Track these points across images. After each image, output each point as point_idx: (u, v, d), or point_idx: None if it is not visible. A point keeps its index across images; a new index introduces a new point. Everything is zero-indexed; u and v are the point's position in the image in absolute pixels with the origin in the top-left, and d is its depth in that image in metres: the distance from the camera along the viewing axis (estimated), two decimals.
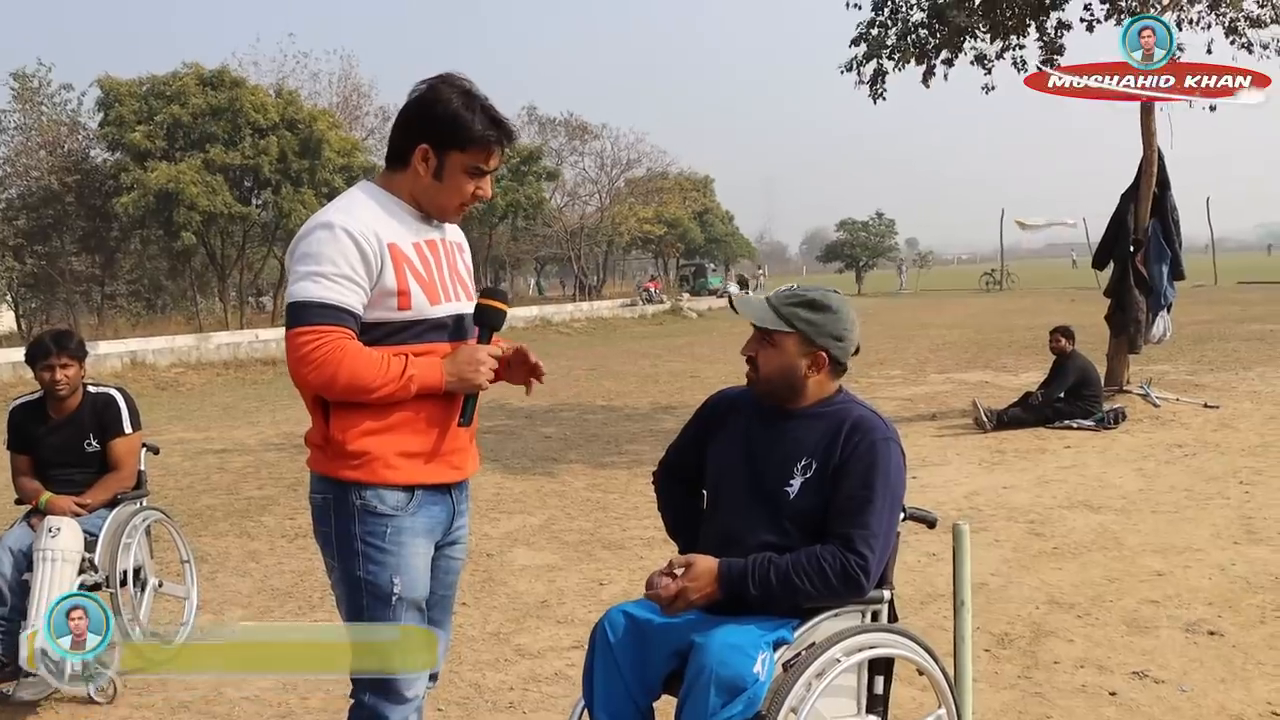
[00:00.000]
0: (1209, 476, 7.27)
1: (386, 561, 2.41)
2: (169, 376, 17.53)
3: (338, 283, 2.32)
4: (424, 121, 2.42)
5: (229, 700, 3.96)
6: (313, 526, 2.51)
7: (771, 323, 2.60)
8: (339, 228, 2.34)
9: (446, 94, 2.41)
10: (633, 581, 5.18)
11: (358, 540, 2.40)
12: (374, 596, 2.41)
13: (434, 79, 2.46)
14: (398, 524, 2.42)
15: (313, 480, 2.48)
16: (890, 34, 11.86)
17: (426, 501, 2.46)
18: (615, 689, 2.49)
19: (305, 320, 2.31)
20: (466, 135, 2.40)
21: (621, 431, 10.30)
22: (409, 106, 2.45)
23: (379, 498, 2.40)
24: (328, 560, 2.48)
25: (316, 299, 2.31)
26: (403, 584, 2.43)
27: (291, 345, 2.33)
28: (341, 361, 2.31)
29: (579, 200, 44.28)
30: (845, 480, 2.51)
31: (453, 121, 2.39)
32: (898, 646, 2.54)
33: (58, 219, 25.12)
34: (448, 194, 2.47)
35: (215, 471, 8.92)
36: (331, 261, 2.32)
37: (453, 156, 2.42)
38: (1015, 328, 22.02)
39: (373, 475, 2.39)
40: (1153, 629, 4.41)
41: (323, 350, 2.30)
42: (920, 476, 7.60)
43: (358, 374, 2.32)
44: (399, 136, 2.46)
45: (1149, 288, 10.69)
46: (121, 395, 4.54)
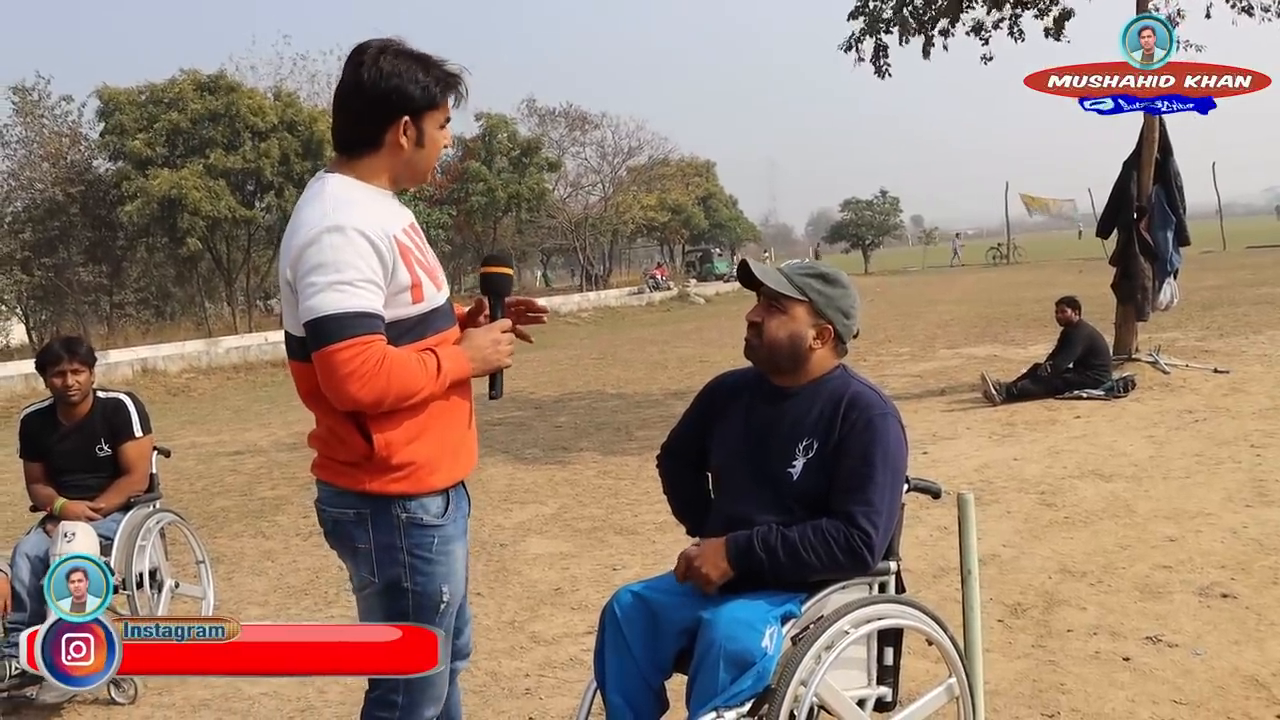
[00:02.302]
0: (1220, 441, 7.26)
1: (435, 572, 2.35)
2: (180, 382, 17.61)
3: (363, 288, 2.19)
4: (394, 97, 2.31)
5: (248, 697, 3.99)
6: (333, 540, 2.42)
7: (786, 289, 2.62)
8: (351, 229, 2.20)
9: (400, 64, 2.31)
10: (646, 566, 5.20)
11: (404, 553, 2.32)
12: (422, 607, 2.34)
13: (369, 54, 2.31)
14: (444, 533, 2.36)
15: (334, 495, 2.37)
16: (887, 7, 11.83)
17: (457, 500, 2.42)
18: (627, 668, 2.51)
19: (343, 334, 2.16)
20: (437, 94, 2.35)
21: (632, 419, 10.32)
22: (364, 88, 2.30)
23: (424, 508, 2.33)
24: (362, 574, 2.37)
25: (350, 309, 2.17)
26: (450, 591, 2.38)
27: (331, 363, 2.16)
28: (391, 372, 2.20)
29: (582, 190, 44.24)
30: (845, 457, 2.53)
31: (421, 88, 2.32)
32: (906, 617, 2.56)
33: (63, 230, 25.22)
34: (428, 156, 2.40)
35: (229, 474, 8.97)
36: (352, 267, 2.18)
37: (428, 118, 2.35)
38: (1023, 300, 21.96)
39: (418, 485, 2.31)
40: (1166, 594, 4.41)
41: (370, 363, 2.17)
42: (931, 451, 7.61)
43: (405, 381, 2.22)
44: (363, 121, 2.33)
45: (1154, 254, 10.65)
46: (131, 400, 4.57)
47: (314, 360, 2.21)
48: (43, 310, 28.38)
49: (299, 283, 2.21)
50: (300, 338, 2.29)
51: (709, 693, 2.29)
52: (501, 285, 2.52)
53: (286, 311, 2.35)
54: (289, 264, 2.25)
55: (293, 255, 2.23)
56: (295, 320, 2.29)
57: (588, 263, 44.41)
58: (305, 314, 2.19)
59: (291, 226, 2.29)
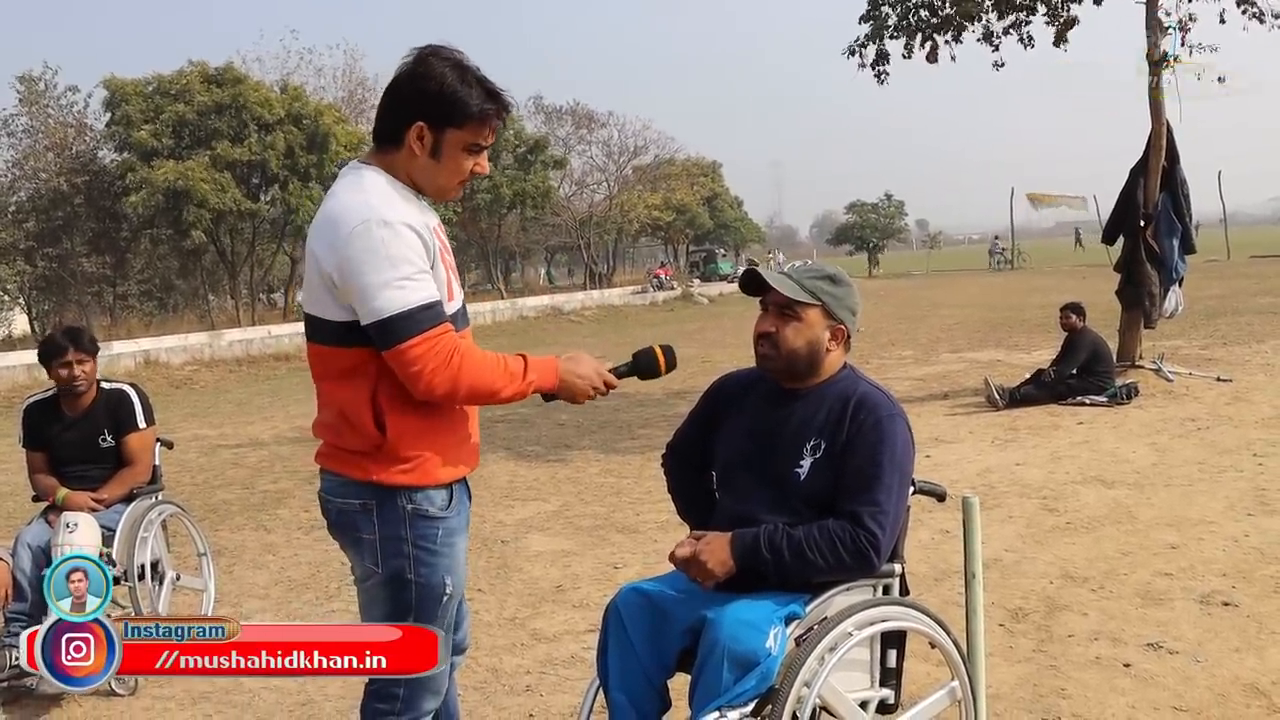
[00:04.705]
0: (1222, 449, 7.25)
1: (439, 564, 2.35)
2: (183, 374, 17.63)
3: (420, 280, 2.18)
4: (418, 98, 2.26)
5: (248, 690, 3.99)
6: (337, 531, 2.42)
7: (799, 294, 2.60)
8: (398, 223, 2.18)
9: (439, 68, 2.26)
10: (647, 564, 5.20)
11: (408, 544, 2.32)
12: (425, 599, 2.35)
13: (423, 51, 2.30)
14: (448, 525, 2.36)
15: (340, 485, 2.36)
16: (892, 15, 11.84)
17: (461, 495, 2.43)
18: (629, 667, 2.50)
19: (413, 331, 2.16)
20: (464, 111, 2.27)
21: (634, 417, 10.32)
22: (399, 82, 2.30)
23: (429, 500, 2.33)
24: (366, 565, 2.36)
25: (415, 304, 2.16)
26: (454, 583, 2.39)
27: (405, 359, 2.18)
28: (463, 365, 2.21)
29: (587, 189, 44.22)
30: (853, 458, 2.52)
31: (449, 97, 2.25)
32: (909, 619, 2.56)
33: (67, 221, 25.23)
34: (447, 173, 2.33)
35: (231, 466, 8.98)
36: (407, 261, 2.17)
37: (450, 134, 2.28)
38: (1027, 306, 21.94)
39: (425, 477, 2.31)
40: (1167, 601, 4.41)
41: (442, 355, 2.19)
42: (933, 455, 7.61)
43: (479, 376, 2.23)
44: (390, 115, 2.31)
45: (1160, 262, 10.64)
46: (135, 391, 4.57)
47: (387, 359, 2.21)
48: (46, 300, 28.42)
49: (350, 279, 2.18)
50: (319, 318, 2.29)
51: (712, 692, 2.28)
52: (649, 369, 2.55)
53: (309, 292, 2.32)
54: (326, 249, 2.21)
55: (333, 243, 2.19)
56: (316, 300, 2.28)
57: (592, 261, 44.40)
58: (370, 315, 2.18)
59: (330, 212, 2.25)
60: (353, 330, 2.24)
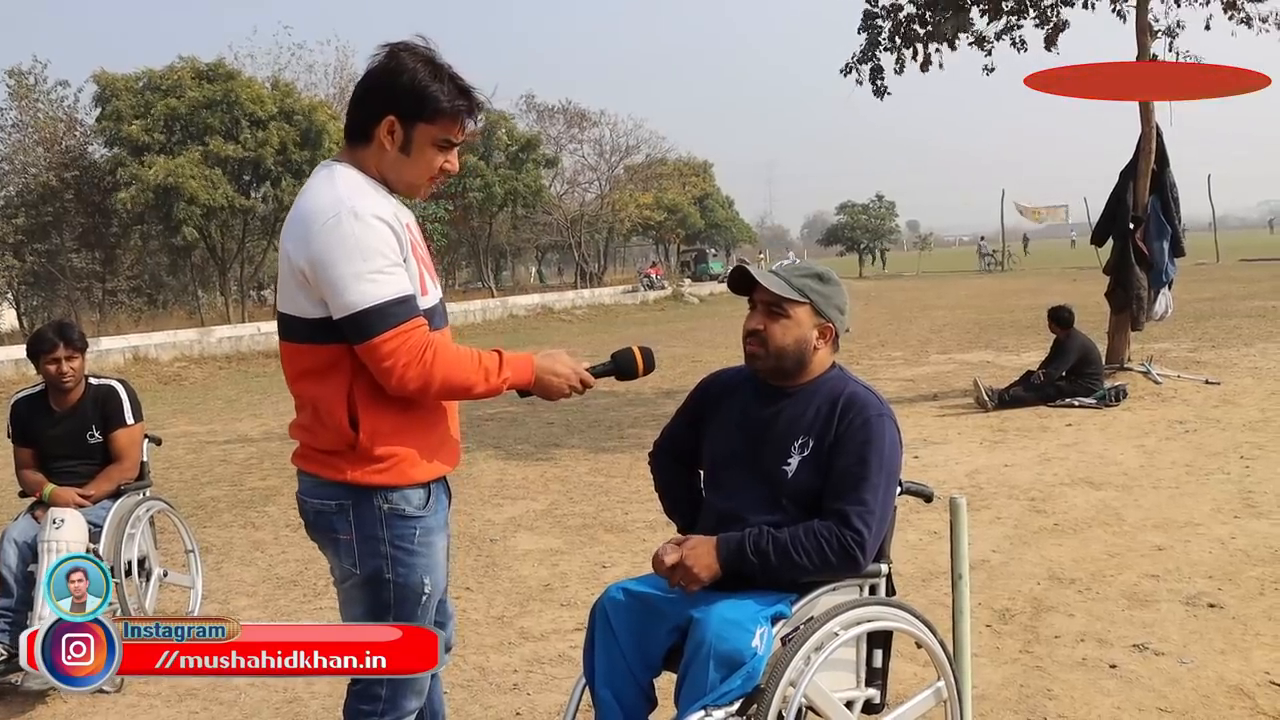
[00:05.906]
0: (1210, 452, 7.28)
1: (416, 564, 2.34)
2: (172, 371, 17.57)
3: (392, 273, 2.17)
4: (388, 93, 2.25)
5: (235, 688, 3.98)
6: (315, 532, 2.41)
7: (787, 292, 2.61)
8: (369, 215, 2.16)
9: (410, 63, 2.24)
10: (635, 564, 5.20)
11: (385, 544, 2.30)
12: (404, 599, 2.34)
13: (395, 46, 2.28)
14: (425, 524, 2.35)
15: (315, 486, 2.35)
16: (886, 27, 11.91)
17: (439, 494, 2.42)
18: (616, 665, 2.50)
19: (385, 325, 2.15)
20: (434, 106, 2.25)
21: (623, 416, 10.32)
22: (370, 77, 2.28)
23: (405, 499, 2.31)
24: (344, 566, 2.35)
25: (386, 298, 2.15)
26: (432, 583, 2.37)
27: (377, 354, 2.16)
28: (436, 360, 2.19)
29: (578, 188, 44.17)
30: (840, 457, 2.53)
31: (420, 91, 2.23)
32: (895, 620, 2.56)
33: (57, 216, 25.09)
34: (416, 169, 2.31)
35: (219, 463, 8.95)
36: (378, 253, 2.15)
37: (420, 129, 2.27)
38: (1017, 308, 22.00)
39: (400, 477, 2.30)
40: (1153, 603, 4.43)
41: (414, 350, 2.17)
42: (922, 456, 7.62)
43: (452, 371, 2.22)
44: (361, 110, 2.29)
45: (1150, 265, 10.69)
46: (123, 387, 4.56)
47: (360, 353, 2.20)
48: (34, 296, 28.26)
49: (321, 272, 2.17)
50: (292, 316, 2.27)
51: (698, 691, 2.28)
52: (627, 369, 2.55)
53: (282, 290, 2.31)
54: (297, 244, 2.20)
55: (305, 237, 2.19)
56: (289, 298, 2.27)
57: (583, 260, 44.38)
58: (343, 309, 2.16)
59: (301, 208, 2.24)
60: (326, 326, 2.22)
